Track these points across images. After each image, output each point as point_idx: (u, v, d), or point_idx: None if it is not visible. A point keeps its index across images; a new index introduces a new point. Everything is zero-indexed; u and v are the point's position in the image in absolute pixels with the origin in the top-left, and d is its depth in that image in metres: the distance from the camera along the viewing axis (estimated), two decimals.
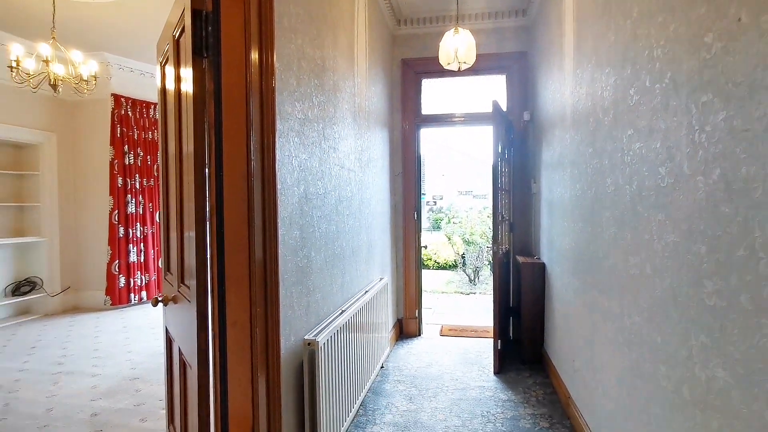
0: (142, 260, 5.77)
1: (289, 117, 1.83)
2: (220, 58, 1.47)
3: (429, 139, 25.45)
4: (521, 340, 3.62)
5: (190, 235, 1.58)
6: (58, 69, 3.52)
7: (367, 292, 2.91)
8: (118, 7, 4.01)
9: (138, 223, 5.73)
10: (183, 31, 1.65)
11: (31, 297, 5.20)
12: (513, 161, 4.14)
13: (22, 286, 5.24)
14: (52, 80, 3.43)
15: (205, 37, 1.48)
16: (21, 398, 2.91)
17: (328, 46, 2.38)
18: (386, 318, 3.57)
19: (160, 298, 2.02)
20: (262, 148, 1.59)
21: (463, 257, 10.04)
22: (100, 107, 5.59)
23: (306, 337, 1.85)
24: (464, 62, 3.08)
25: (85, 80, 3.68)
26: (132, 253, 5.63)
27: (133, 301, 5.63)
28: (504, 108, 4.20)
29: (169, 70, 1.93)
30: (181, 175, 1.77)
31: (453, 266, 10.71)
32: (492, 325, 3.66)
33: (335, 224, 2.46)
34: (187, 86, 1.54)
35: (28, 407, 2.79)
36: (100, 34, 4.72)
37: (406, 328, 4.49)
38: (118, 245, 5.52)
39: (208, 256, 1.54)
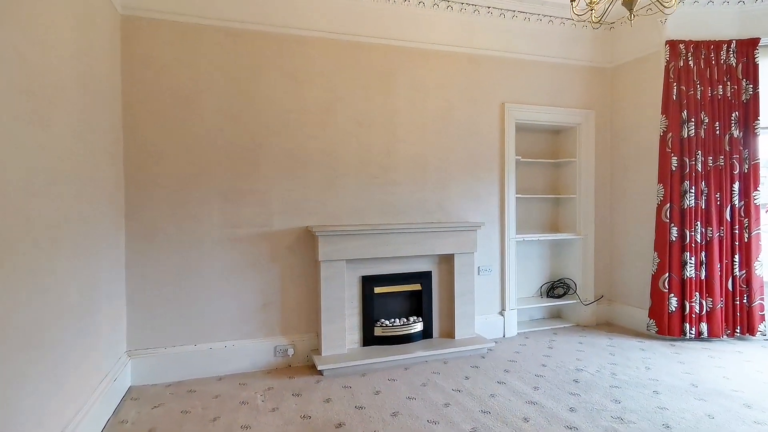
0: (702, 276, 3.93)
1: None
2: None
3: None
4: None
5: None
6: None
7: None
8: None
9: (698, 222, 3.92)
10: None
11: (564, 302, 4.55)
12: None
13: (556, 287, 4.71)
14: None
15: None
16: None
17: None
18: None
19: None
20: None
21: None
22: (648, 66, 4.18)
23: None
24: None
25: None
26: (689, 265, 3.90)
27: (687, 334, 3.91)
28: None
29: None
30: None
31: None
32: None
33: None
34: None
35: None
36: None
37: None
38: (669, 252, 3.94)
39: None
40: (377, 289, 3.72)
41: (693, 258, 3.90)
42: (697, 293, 3.91)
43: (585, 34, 4.45)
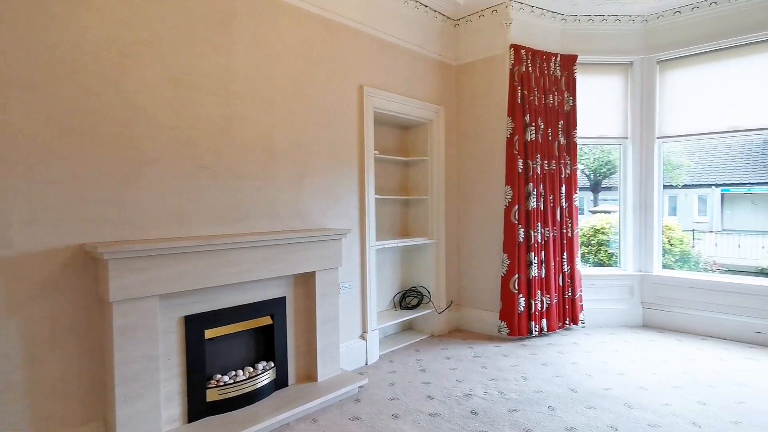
0: (543, 275, 4.11)
1: None
2: None
3: None
4: None
5: None
6: None
7: None
8: None
9: (539, 223, 4.08)
10: None
11: (420, 313, 4.18)
12: None
13: (408, 297, 4.32)
14: None
15: None
16: None
17: None
18: None
19: None
20: None
21: None
22: (494, 68, 4.16)
23: None
24: None
25: None
26: (533, 264, 4.01)
27: (533, 332, 4.02)
28: None
29: None
30: None
31: None
32: None
33: None
34: None
35: None
36: None
37: None
38: (518, 253, 3.98)
39: None
40: (209, 332, 2.52)
41: (536, 258, 4.04)
42: (539, 291, 4.07)
43: (435, 25, 4.19)
